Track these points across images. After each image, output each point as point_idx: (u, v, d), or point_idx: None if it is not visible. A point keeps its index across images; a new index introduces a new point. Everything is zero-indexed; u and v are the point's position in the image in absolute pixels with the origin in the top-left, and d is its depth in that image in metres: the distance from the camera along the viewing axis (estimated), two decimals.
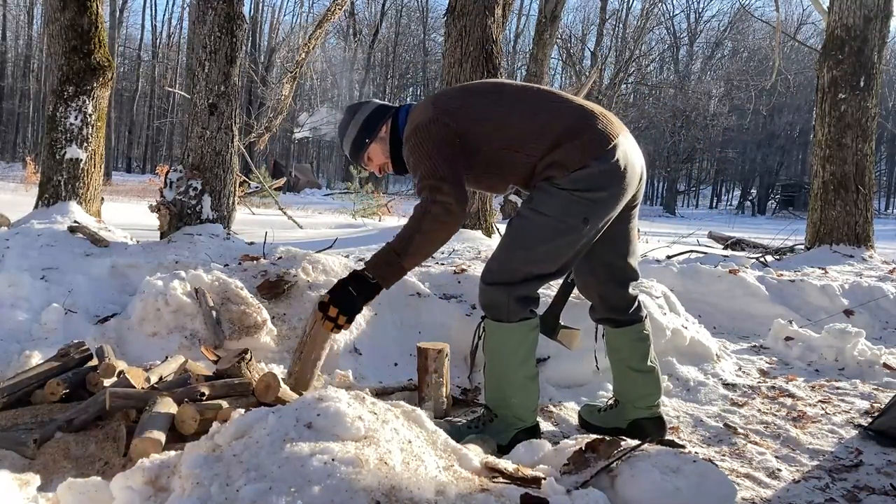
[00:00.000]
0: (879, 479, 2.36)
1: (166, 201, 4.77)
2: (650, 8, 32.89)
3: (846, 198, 7.29)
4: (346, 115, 2.53)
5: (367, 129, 2.44)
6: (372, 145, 2.46)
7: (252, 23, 32.03)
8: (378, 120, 2.44)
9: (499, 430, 2.37)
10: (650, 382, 2.62)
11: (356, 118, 2.46)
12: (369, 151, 2.47)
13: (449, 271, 3.94)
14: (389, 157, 2.46)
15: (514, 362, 2.31)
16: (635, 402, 2.63)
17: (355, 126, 2.45)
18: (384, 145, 2.45)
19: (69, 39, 5.04)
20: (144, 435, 1.94)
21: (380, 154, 2.47)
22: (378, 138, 2.45)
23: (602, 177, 2.19)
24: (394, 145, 2.43)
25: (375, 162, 2.50)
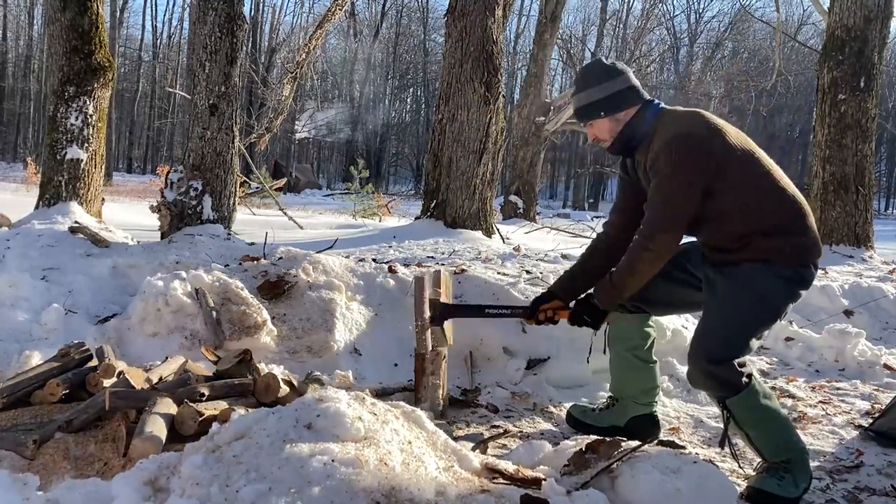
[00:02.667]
0: (880, 480, 2.36)
1: (167, 202, 4.77)
2: (650, 8, 32.90)
3: (846, 198, 7.28)
4: (598, 69, 2.41)
5: (610, 104, 2.36)
6: (604, 120, 2.38)
7: (252, 23, 32.02)
8: (625, 101, 2.36)
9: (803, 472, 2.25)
10: (654, 377, 2.65)
11: (604, 87, 2.36)
12: (598, 122, 2.40)
13: (449, 272, 3.94)
14: (614, 138, 2.40)
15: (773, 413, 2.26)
16: (637, 397, 2.63)
17: (600, 93, 2.36)
18: (616, 126, 2.38)
19: (70, 40, 5.04)
20: (144, 435, 1.94)
21: (605, 131, 2.41)
22: (614, 118, 2.38)
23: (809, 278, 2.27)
24: (627, 129, 2.37)
25: (595, 132, 2.44)
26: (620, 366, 2.66)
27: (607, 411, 2.70)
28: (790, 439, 2.25)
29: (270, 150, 31.93)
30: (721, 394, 2.22)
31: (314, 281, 3.44)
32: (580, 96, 2.41)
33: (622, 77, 2.38)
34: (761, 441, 2.25)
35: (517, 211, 13.38)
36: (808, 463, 2.25)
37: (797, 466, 2.21)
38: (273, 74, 30.60)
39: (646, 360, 2.63)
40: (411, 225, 7.43)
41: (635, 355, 2.62)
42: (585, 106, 2.39)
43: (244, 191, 11.51)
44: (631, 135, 2.37)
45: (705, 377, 2.22)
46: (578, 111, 2.44)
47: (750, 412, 2.22)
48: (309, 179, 29.92)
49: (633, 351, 2.62)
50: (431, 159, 7.15)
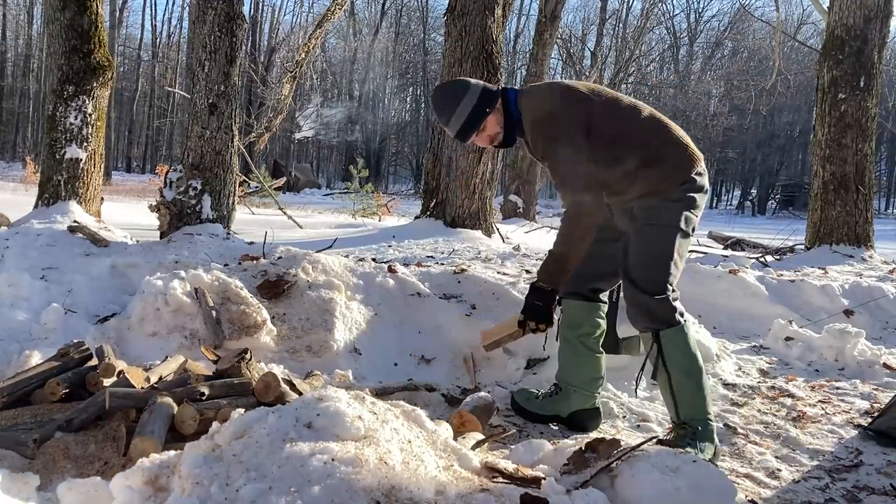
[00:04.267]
0: (879, 480, 2.36)
1: (166, 201, 4.77)
2: (650, 8, 32.85)
3: (846, 198, 7.28)
4: (451, 90, 2.56)
5: (488, 100, 2.50)
6: (491, 116, 2.51)
7: (252, 22, 32.02)
8: (493, 94, 2.52)
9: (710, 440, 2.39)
10: (600, 367, 2.71)
11: (471, 90, 2.51)
12: (487, 121, 2.52)
13: (449, 271, 3.94)
14: (503, 128, 2.55)
15: (698, 365, 2.43)
16: (582, 386, 2.69)
17: (473, 96, 2.49)
18: (500, 116, 2.53)
19: (69, 39, 5.04)
20: (144, 435, 1.94)
21: (495, 125, 2.54)
22: (496, 110, 2.51)
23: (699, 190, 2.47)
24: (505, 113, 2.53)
25: (488, 133, 2.56)
26: (568, 352, 2.71)
27: (550, 399, 2.75)
28: (705, 401, 2.41)
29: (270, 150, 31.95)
30: (654, 325, 2.40)
31: (314, 280, 3.44)
32: (457, 114, 2.51)
33: (472, 81, 2.57)
34: (681, 388, 2.40)
35: (517, 210, 13.39)
36: (713, 434, 2.41)
37: (703, 434, 2.36)
38: (272, 74, 30.59)
39: (592, 350, 2.69)
40: (411, 224, 7.44)
41: (583, 342, 2.68)
42: (469, 116, 2.49)
43: (243, 190, 11.51)
44: (511, 120, 2.53)
45: (642, 307, 2.40)
46: (466, 126, 2.52)
47: (679, 352, 2.39)
48: (308, 179, 29.92)
49: (581, 338, 2.68)
50: (431, 158, 7.16)
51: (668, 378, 2.40)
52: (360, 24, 40.22)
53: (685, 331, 2.41)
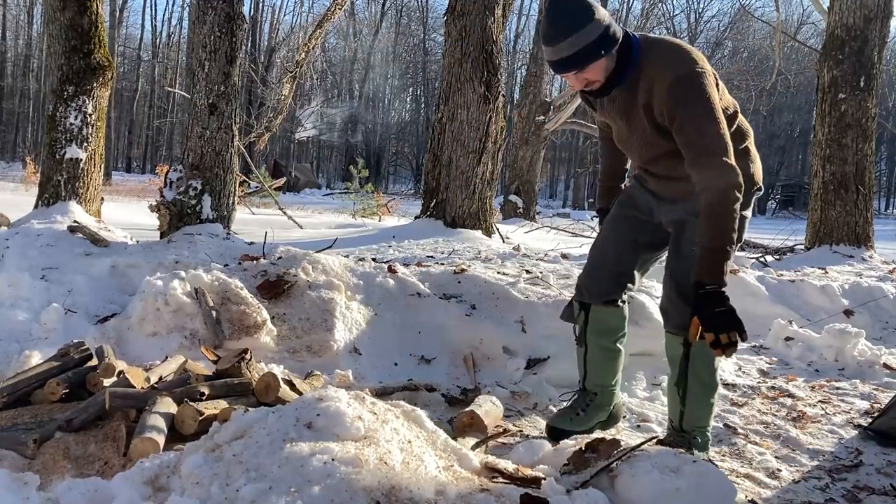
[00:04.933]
0: (879, 480, 2.36)
1: (166, 201, 4.77)
2: (650, 8, 32.89)
3: (846, 198, 7.28)
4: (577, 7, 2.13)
5: (609, 41, 2.14)
6: (602, 59, 2.15)
7: (252, 23, 32.01)
8: (617, 34, 2.17)
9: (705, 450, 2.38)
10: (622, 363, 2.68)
11: (596, 23, 2.11)
12: (596, 64, 2.16)
13: (449, 271, 3.94)
14: (605, 78, 2.21)
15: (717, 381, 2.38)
16: (617, 383, 2.67)
17: (596, 30, 2.11)
18: (611, 63, 2.18)
19: (69, 39, 5.03)
20: (144, 435, 1.94)
21: (601, 70, 2.18)
22: (610, 55, 2.16)
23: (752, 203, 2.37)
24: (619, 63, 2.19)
25: (591, 76, 2.20)
26: (603, 357, 2.61)
27: (590, 409, 2.62)
28: (710, 415, 2.38)
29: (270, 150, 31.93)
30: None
31: (314, 280, 3.44)
32: (573, 40, 2.10)
33: (602, 10, 2.18)
34: (693, 401, 2.33)
35: (517, 210, 13.38)
36: (709, 443, 2.41)
37: (700, 445, 2.34)
38: (272, 74, 30.59)
39: (623, 346, 2.65)
40: (411, 224, 7.43)
41: (620, 344, 2.62)
42: (584, 49, 2.11)
43: (243, 190, 11.50)
44: (621, 71, 2.20)
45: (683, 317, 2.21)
46: (574, 57, 2.13)
47: (706, 366, 2.31)
48: (308, 179, 29.92)
49: (619, 341, 2.62)
50: (431, 159, 7.15)
51: (685, 388, 2.32)
52: (360, 24, 40.21)
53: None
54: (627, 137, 2.36)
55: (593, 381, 2.63)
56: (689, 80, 2.10)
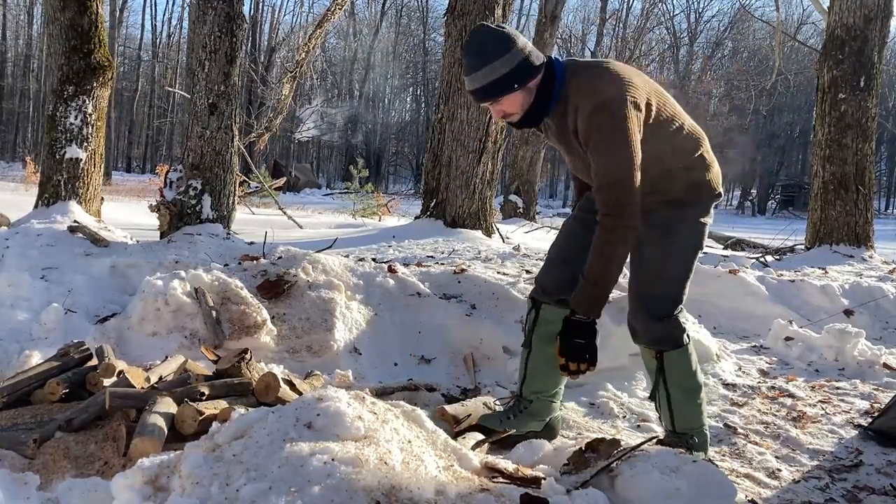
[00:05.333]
0: (879, 480, 2.36)
1: (166, 201, 4.77)
2: (650, 8, 32.91)
3: (846, 198, 7.28)
4: (492, 40, 2.11)
5: (523, 74, 2.10)
6: (517, 93, 2.13)
7: (252, 22, 32.00)
8: (535, 69, 2.12)
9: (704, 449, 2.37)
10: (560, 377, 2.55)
11: (510, 56, 2.09)
12: (510, 97, 2.14)
13: (449, 271, 3.94)
14: (525, 110, 2.18)
15: (698, 383, 2.35)
16: (557, 395, 2.58)
17: (508, 64, 2.08)
18: (529, 97, 2.15)
19: (69, 39, 5.04)
20: (144, 435, 1.94)
21: (517, 104, 2.16)
22: (526, 88, 2.13)
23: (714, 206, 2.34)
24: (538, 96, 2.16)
25: (505, 108, 2.18)
26: (547, 364, 2.44)
27: (524, 414, 2.52)
28: (702, 414, 2.36)
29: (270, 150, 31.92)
30: (660, 347, 2.27)
31: (314, 280, 3.44)
32: (482, 72, 2.10)
33: (520, 42, 2.13)
34: (679, 406, 2.32)
35: (517, 210, 13.38)
36: (707, 442, 2.39)
37: (698, 444, 2.32)
38: (272, 74, 30.59)
39: None
40: (411, 224, 7.44)
41: None
42: (493, 82, 2.10)
43: (243, 190, 11.50)
44: (544, 103, 2.17)
45: (652, 333, 2.27)
46: (485, 89, 2.12)
47: (681, 372, 2.30)
48: (308, 179, 29.92)
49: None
50: (431, 158, 7.16)
51: (667, 396, 2.32)
52: (360, 24, 40.21)
53: (689, 351, 2.30)
54: (571, 162, 2.37)
55: (531, 388, 2.54)
56: (604, 108, 2.07)
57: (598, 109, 2.07)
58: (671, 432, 2.37)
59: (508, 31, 2.16)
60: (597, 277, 2.10)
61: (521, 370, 2.57)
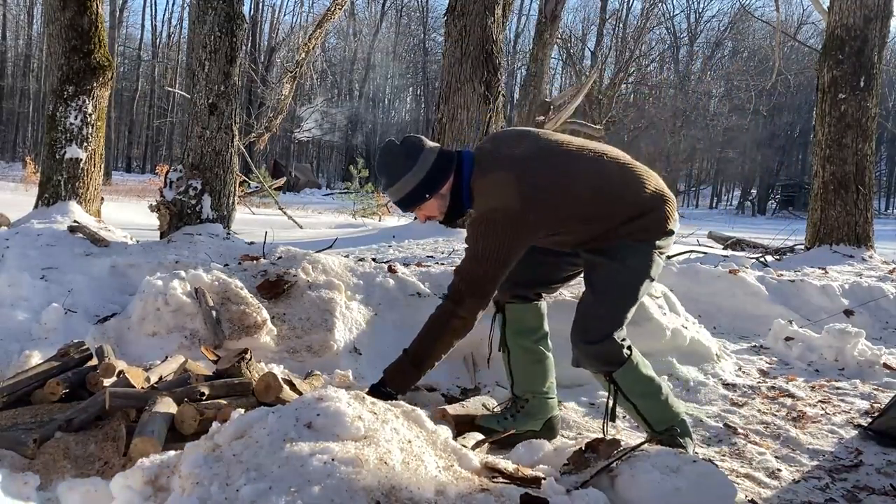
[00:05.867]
0: (879, 480, 2.36)
1: (166, 201, 4.77)
2: (650, 8, 32.86)
3: (846, 198, 7.29)
4: (399, 155, 2.27)
5: (430, 184, 2.25)
6: (431, 200, 2.28)
7: (252, 22, 32.00)
8: (443, 175, 2.26)
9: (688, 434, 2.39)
10: (552, 369, 2.59)
11: (416, 170, 2.23)
12: (423, 205, 2.30)
13: (449, 271, 3.94)
14: (444, 212, 2.33)
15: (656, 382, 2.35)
16: (550, 391, 2.58)
17: (415, 177, 2.23)
18: (443, 202, 2.30)
19: (69, 39, 5.04)
20: (144, 435, 1.94)
21: (434, 209, 2.32)
22: (438, 195, 2.28)
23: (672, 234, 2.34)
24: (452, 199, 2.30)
25: (425, 213, 2.35)
26: (527, 360, 2.53)
27: (520, 415, 2.54)
28: (672, 406, 2.36)
29: (270, 150, 31.94)
30: (606, 368, 2.29)
31: (314, 280, 3.44)
32: (395, 188, 2.27)
33: (426, 150, 2.26)
34: (648, 410, 2.33)
35: None
36: (689, 427, 2.39)
37: (682, 432, 2.33)
38: (272, 74, 30.60)
39: (548, 350, 2.57)
40: (411, 224, 7.44)
41: (541, 346, 2.55)
42: (408, 195, 2.26)
43: (243, 190, 11.51)
44: (459, 202, 2.30)
45: (589, 356, 2.29)
46: (402, 203, 2.30)
47: (635, 383, 2.31)
48: (308, 179, 29.94)
49: (539, 342, 2.54)
50: None
51: (633, 406, 2.33)
52: (360, 24, 40.21)
53: (634, 361, 2.30)
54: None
55: (522, 387, 2.56)
56: (480, 221, 2.21)
57: (479, 218, 2.23)
58: (654, 432, 2.36)
59: (414, 144, 2.28)
60: (419, 358, 2.28)
61: (508, 373, 2.61)
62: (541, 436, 2.43)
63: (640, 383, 2.31)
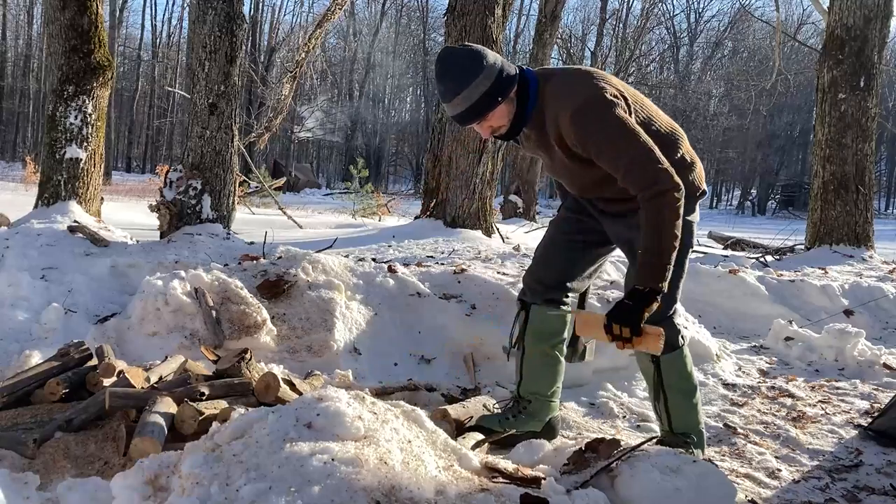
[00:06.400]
0: (879, 480, 2.36)
1: (166, 201, 4.77)
2: (650, 8, 32.87)
3: (846, 198, 7.28)
4: (466, 60, 2.12)
5: (503, 86, 2.13)
6: (502, 105, 2.15)
7: (252, 22, 31.97)
8: (512, 78, 2.15)
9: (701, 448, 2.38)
10: (562, 375, 2.57)
11: (487, 72, 2.11)
12: (496, 112, 2.16)
13: (449, 271, 3.94)
14: (510, 121, 2.21)
15: (694, 383, 2.35)
16: (555, 395, 2.57)
17: (487, 79, 2.10)
18: (512, 107, 2.18)
19: (69, 39, 5.04)
20: (144, 435, 1.94)
21: (503, 116, 2.19)
22: (509, 99, 2.16)
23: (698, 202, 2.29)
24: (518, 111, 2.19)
25: (494, 123, 2.20)
26: (541, 363, 2.51)
27: (522, 414, 2.52)
28: (698, 414, 2.36)
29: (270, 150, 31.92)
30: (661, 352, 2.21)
31: (314, 280, 3.44)
32: (465, 94, 2.11)
33: (490, 55, 2.15)
34: (676, 407, 2.33)
35: (517, 210, 13.37)
36: (704, 441, 2.40)
37: (696, 444, 2.32)
38: (272, 74, 30.59)
39: (562, 356, 2.54)
40: (411, 224, 7.44)
41: (559, 351, 2.52)
42: (478, 101, 2.12)
43: (243, 190, 11.51)
44: (523, 112, 2.20)
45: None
46: (471, 110, 2.14)
47: (678, 375, 2.30)
48: (308, 179, 29.91)
49: (557, 347, 2.52)
50: (431, 158, 7.16)
51: (664, 399, 2.32)
52: (360, 24, 40.20)
53: (684, 353, 2.30)
54: (553, 168, 2.36)
55: (528, 388, 2.54)
56: (588, 107, 2.08)
57: (578, 112, 2.08)
58: (669, 432, 2.37)
59: (476, 47, 2.17)
60: (654, 249, 2.04)
61: (517, 371, 2.59)
62: (541, 436, 2.42)
63: (682, 378, 2.32)
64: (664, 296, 2.09)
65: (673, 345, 2.25)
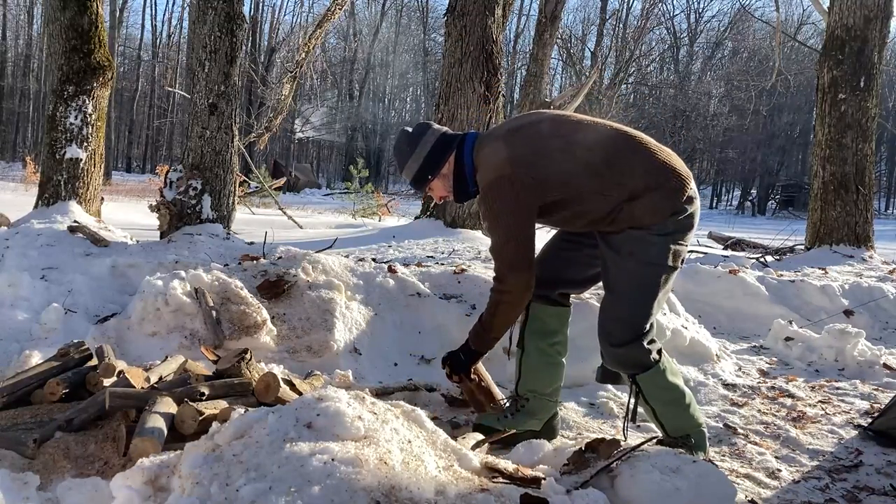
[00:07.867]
0: (879, 480, 2.36)
1: (166, 201, 4.77)
2: (650, 8, 32.88)
3: (846, 198, 7.29)
4: (404, 142, 2.46)
5: (430, 165, 2.41)
6: (434, 181, 2.45)
7: (252, 23, 31.97)
8: (441, 156, 2.40)
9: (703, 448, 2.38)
10: (562, 375, 2.60)
11: (418, 152, 2.41)
12: (431, 186, 2.47)
13: (449, 271, 3.94)
14: (451, 192, 2.47)
15: (680, 390, 2.35)
16: (554, 394, 2.59)
17: (416, 161, 2.42)
18: (447, 182, 2.44)
19: (69, 39, 5.04)
20: (144, 435, 1.94)
21: (441, 189, 2.47)
22: (440, 175, 2.43)
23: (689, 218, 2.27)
24: (458, 179, 2.43)
25: (437, 194, 2.51)
26: (540, 362, 2.54)
27: (521, 413, 2.55)
28: (692, 416, 2.36)
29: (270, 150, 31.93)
30: (632, 371, 2.29)
31: (314, 280, 3.44)
32: (404, 171, 2.48)
33: (428, 132, 2.43)
34: (666, 416, 2.34)
35: None
36: (705, 440, 2.39)
37: (697, 445, 2.32)
38: (272, 74, 30.59)
39: (562, 356, 2.57)
40: (411, 224, 7.44)
41: (557, 350, 2.55)
42: (414, 177, 2.45)
43: (243, 190, 11.51)
44: (464, 182, 2.42)
45: (614, 359, 2.32)
46: (412, 184, 2.51)
47: (659, 389, 2.31)
48: (308, 179, 29.90)
49: (556, 346, 2.54)
50: None
51: (652, 410, 2.33)
52: (360, 24, 40.19)
53: (662, 368, 2.29)
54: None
55: (526, 386, 2.57)
56: (488, 188, 2.29)
57: (483, 190, 2.32)
58: (667, 436, 2.36)
59: (417, 129, 2.47)
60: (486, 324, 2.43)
61: (517, 369, 2.61)
62: (541, 436, 2.43)
63: (664, 390, 2.31)
64: (627, 320, 2.25)
65: (644, 366, 2.27)
